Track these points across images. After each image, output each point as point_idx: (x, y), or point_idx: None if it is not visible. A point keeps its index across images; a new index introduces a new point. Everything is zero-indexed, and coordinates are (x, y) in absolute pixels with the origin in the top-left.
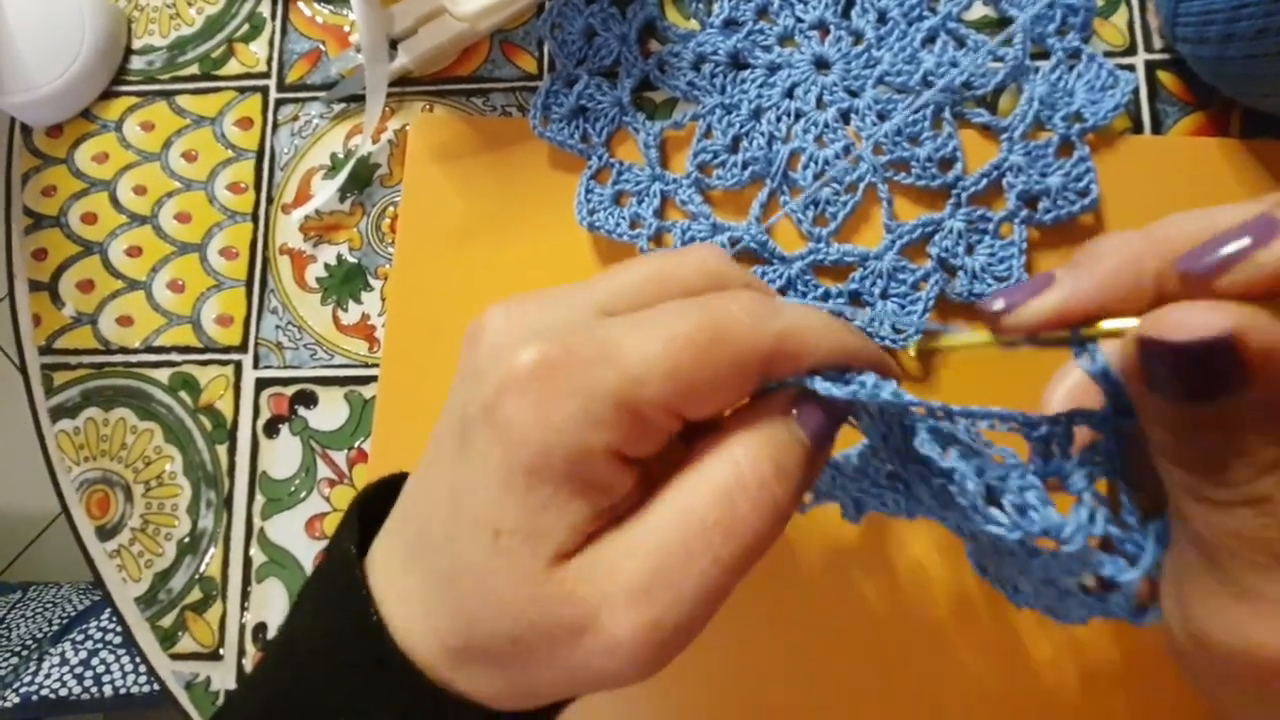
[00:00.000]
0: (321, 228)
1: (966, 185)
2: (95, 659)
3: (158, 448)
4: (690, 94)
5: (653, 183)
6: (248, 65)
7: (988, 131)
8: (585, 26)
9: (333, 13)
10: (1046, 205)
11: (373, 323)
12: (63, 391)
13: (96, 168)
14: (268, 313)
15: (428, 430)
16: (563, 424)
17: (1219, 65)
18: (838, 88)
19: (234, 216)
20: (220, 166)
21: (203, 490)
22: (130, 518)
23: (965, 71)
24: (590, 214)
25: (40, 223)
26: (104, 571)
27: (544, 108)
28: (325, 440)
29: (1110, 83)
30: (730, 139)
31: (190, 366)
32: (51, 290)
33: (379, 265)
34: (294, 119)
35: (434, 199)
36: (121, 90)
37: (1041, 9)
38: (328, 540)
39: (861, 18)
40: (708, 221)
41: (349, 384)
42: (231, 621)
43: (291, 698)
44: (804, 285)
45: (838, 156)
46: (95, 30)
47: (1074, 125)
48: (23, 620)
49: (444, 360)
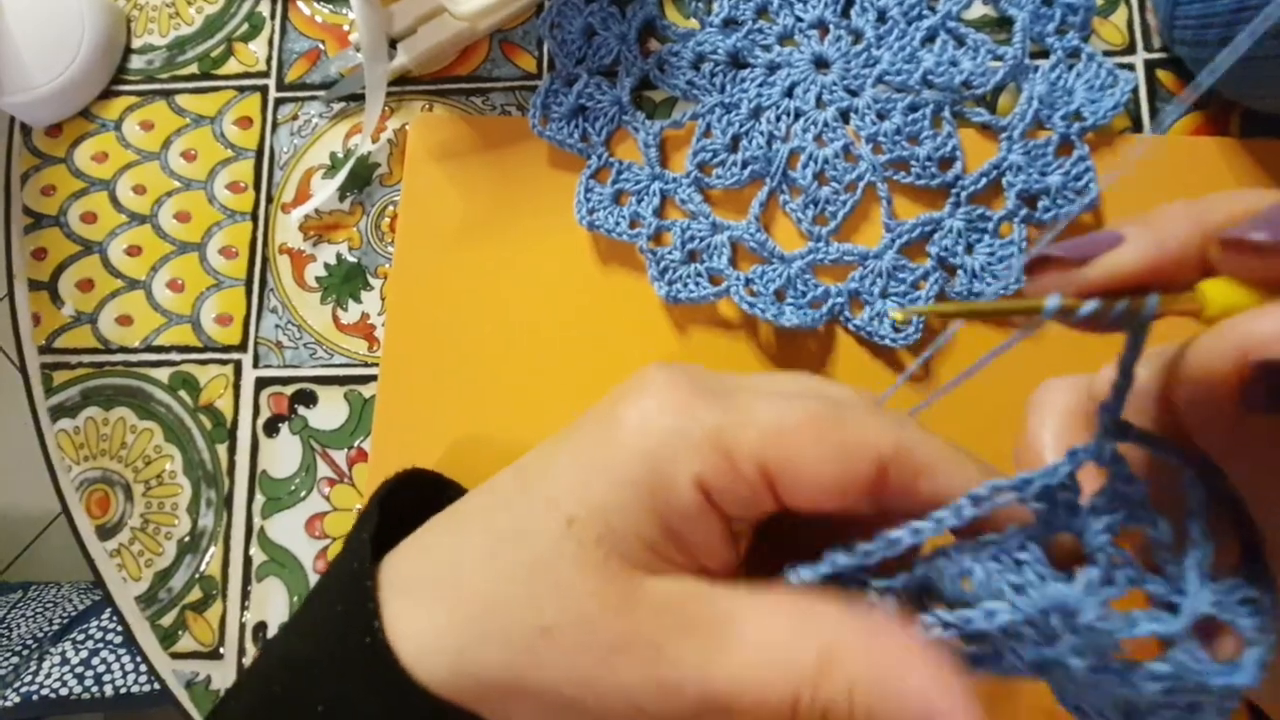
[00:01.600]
0: (321, 227)
1: (966, 184)
2: (96, 658)
3: (158, 447)
4: (690, 93)
5: (652, 182)
6: (247, 65)
7: (987, 131)
8: (585, 26)
9: (332, 12)
10: (1046, 204)
11: (372, 322)
12: (62, 391)
13: (96, 167)
14: (267, 312)
15: (428, 429)
16: (658, 433)
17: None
18: (837, 87)
19: (233, 216)
20: (220, 166)
21: (203, 489)
22: (130, 517)
23: (965, 71)
24: (590, 213)
25: (40, 222)
26: (104, 571)
27: (544, 107)
28: (325, 439)
29: (1110, 82)
30: (730, 138)
31: (190, 366)
32: (51, 290)
33: (379, 264)
34: (293, 118)
35: (434, 198)
36: (121, 90)
37: (1041, 8)
38: (328, 540)
39: (861, 17)
40: (707, 220)
41: (349, 383)
42: (232, 621)
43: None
44: (804, 285)
45: (837, 156)
46: (95, 30)
47: (1073, 124)
48: (23, 620)
49: (444, 359)
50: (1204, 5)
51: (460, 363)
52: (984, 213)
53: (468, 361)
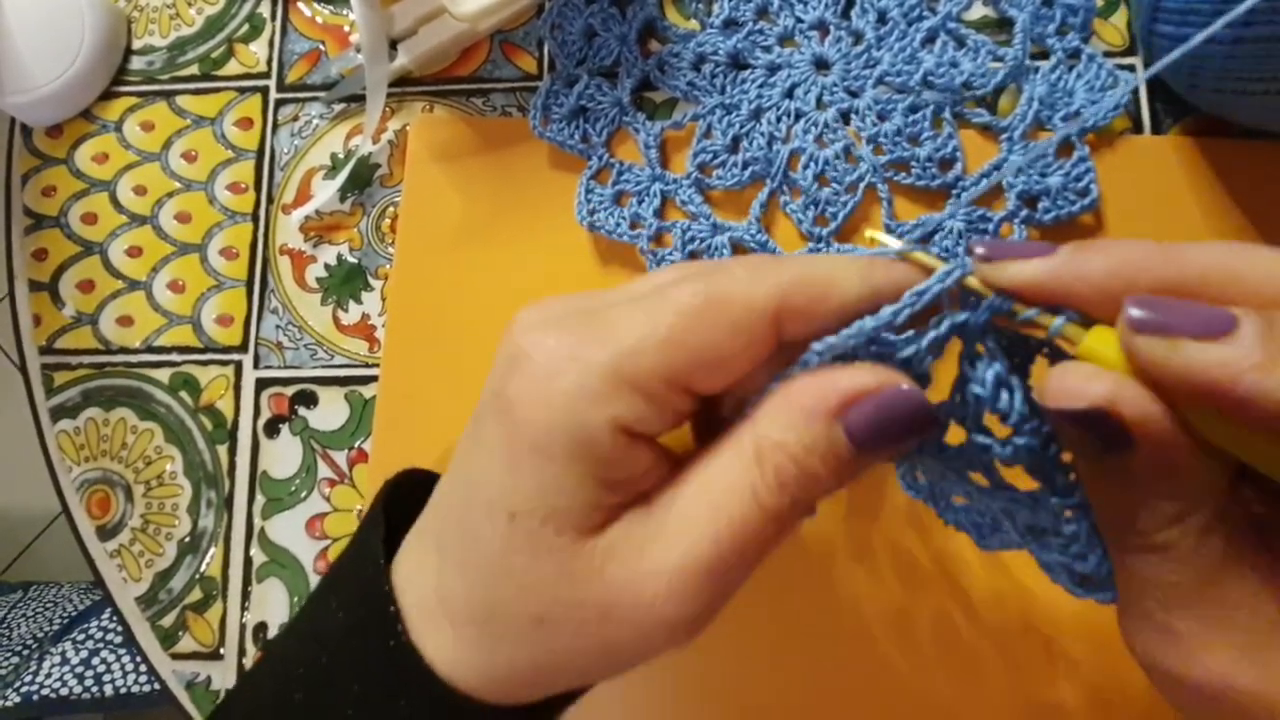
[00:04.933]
0: (321, 228)
1: (966, 185)
2: (96, 658)
3: (158, 448)
4: (690, 94)
5: (653, 183)
6: (248, 65)
7: (988, 131)
8: (585, 27)
9: (333, 13)
10: (1046, 205)
11: (373, 323)
12: (63, 391)
13: (96, 168)
14: (268, 313)
15: (428, 429)
16: (561, 401)
17: (1194, 95)
18: (838, 88)
19: (234, 216)
20: (220, 167)
21: (203, 490)
22: (130, 518)
23: (965, 72)
24: (590, 214)
25: (40, 223)
26: (104, 571)
27: (544, 108)
28: (325, 440)
29: (1110, 83)
30: (730, 139)
31: (190, 366)
32: (52, 290)
33: (379, 265)
34: (294, 119)
35: (434, 199)
36: (121, 90)
37: (1041, 9)
38: (329, 540)
39: (861, 18)
40: (708, 221)
41: (349, 384)
42: (232, 621)
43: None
44: None
45: (838, 157)
46: (95, 30)
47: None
48: (23, 620)
49: (444, 360)
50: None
51: (460, 363)
52: (984, 214)
53: (468, 362)
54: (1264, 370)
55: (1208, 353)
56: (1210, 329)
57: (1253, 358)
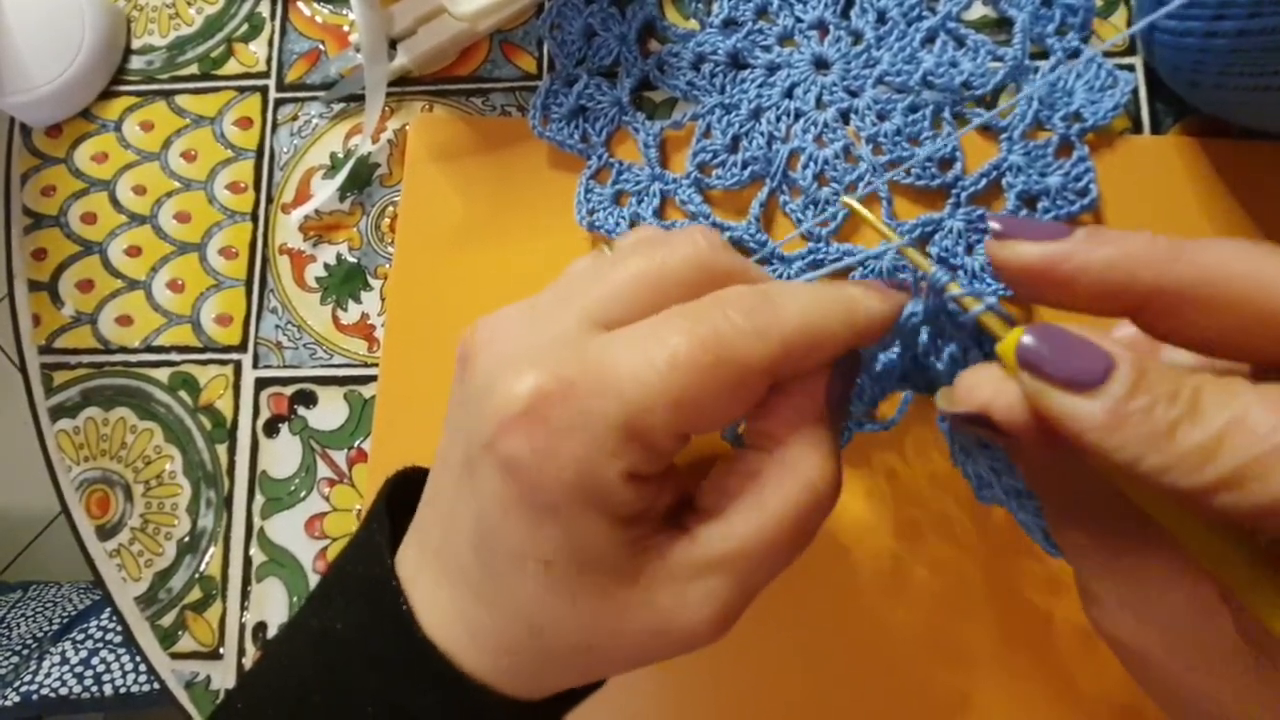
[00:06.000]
0: (321, 227)
1: (966, 185)
2: (95, 658)
3: (157, 447)
4: (690, 94)
5: (652, 182)
6: (247, 65)
7: (987, 131)
8: (585, 26)
9: (332, 13)
10: (1046, 205)
11: (372, 322)
12: (62, 391)
13: (96, 167)
14: (267, 312)
15: (428, 430)
16: (572, 460)
17: (1194, 95)
18: (837, 88)
19: (233, 216)
20: (220, 166)
21: (203, 490)
22: (130, 517)
23: (965, 72)
24: (590, 214)
25: (40, 222)
26: (104, 571)
27: (544, 108)
28: (325, 440)
29: (1109, 83)
30: (730, 139)
31: (190, 366)
32: (51, 290)
33: (379, 265)
34: (293, 119)
35: (434, 199)
36: (121, 90)
37: (1040, 9)
38: (328, 540)
39: (861, 18)
40: (707, 221)
41: (349, 384)
42: (231, 621)
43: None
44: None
45: (837, 156)
46: (95, 30)
47: (1073, 125)
48: (23, 619)
49: (444, 360)
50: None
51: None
52: (984, 214)
53: None
54: (1106, 431)
55: (1063, 403)
56: (1077, 380)
57: (1097, 418)
